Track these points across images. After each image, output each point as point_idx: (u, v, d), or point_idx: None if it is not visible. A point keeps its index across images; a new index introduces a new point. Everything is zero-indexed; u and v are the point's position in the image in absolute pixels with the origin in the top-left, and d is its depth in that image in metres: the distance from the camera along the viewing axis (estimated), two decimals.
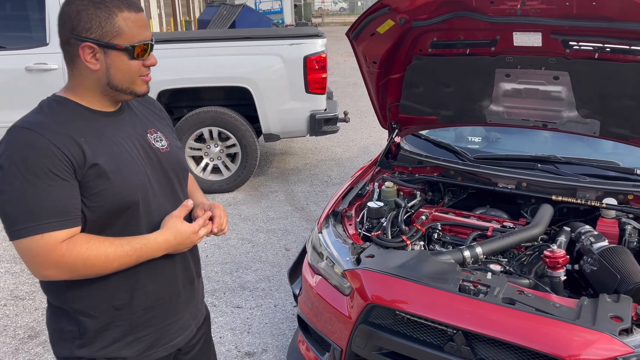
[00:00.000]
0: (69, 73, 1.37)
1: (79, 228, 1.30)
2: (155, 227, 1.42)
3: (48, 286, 1.41)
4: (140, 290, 1.42)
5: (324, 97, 5.10)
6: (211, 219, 1.52)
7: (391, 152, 3.09)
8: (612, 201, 2.41)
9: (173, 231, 1.40)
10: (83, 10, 1.29)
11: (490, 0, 2.02)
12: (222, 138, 5.16)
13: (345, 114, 5.54)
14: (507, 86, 2.46)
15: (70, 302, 1.38)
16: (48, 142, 1.24)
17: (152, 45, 1.38)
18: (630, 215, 2.37)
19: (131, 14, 1.32)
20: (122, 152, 1.36)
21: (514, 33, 2.18)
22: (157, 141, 1.48)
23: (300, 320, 2.56)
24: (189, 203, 1.48)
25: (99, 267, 1.31)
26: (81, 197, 1.30)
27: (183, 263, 1.52)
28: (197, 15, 23.52)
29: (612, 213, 2.39)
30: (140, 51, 1.34)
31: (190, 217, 1.53)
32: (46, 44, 4.88)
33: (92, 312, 1.38)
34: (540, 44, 2.17)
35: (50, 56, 4.85)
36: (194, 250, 1.58)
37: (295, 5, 25.50)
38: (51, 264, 1.26)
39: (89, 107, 1.37)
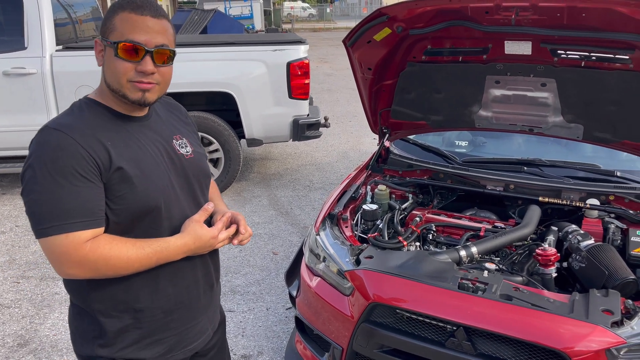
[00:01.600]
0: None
1: (102, 229, 1.32)
2: (176, 231, 1.44)
3: (72, 286, 1.43)
4: (161, 293, 1.44)
5: (306, 102, 5.16)
6: (230, 224, 1.53)
7: (381, 156, 3.17)
8: (595, 202, 2.54)
9: (192, 235, 1.42)
10: (107, 12, 1.37)
11: (485, 11, 2.12)
12: (205, 143, 5.15)
13: (326, 119, 5.61)
14: (497, 92, 2.57)
15: (93, 303, 1.40)
16: (77, 144, 1.27)
17: (147, 51, 1.32)
18: (612, 215, 2.50)
19: (131, 15, 1.32)
20: (147, 157, 1.39)
21: (505, 42, 2.29)
22: (182, 147, 1.50)
23: (297, 321, 2.59)
24: (209, 207, 1.50)
25: (120, 268, 1.33)
26: (105, 200, 1.32)
27: (204, 269, 1.54)
28: None
29: (595, 213, 2.51)
30: (125, 51, 1.30)
31: (210, 222, 1.55)
32: (24, 48, 4.78)
33: (114, 313, 1.40)
34: (530, 53, 2.29)
35: (28, 60, 4.77)
36: (214, 255, 1.60)
37: (265, 12, 25.53)
38: (74, 262, 1.28)
39: (116, 110, 1.39)
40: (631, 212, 2.46)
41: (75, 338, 1.48)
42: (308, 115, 5.19)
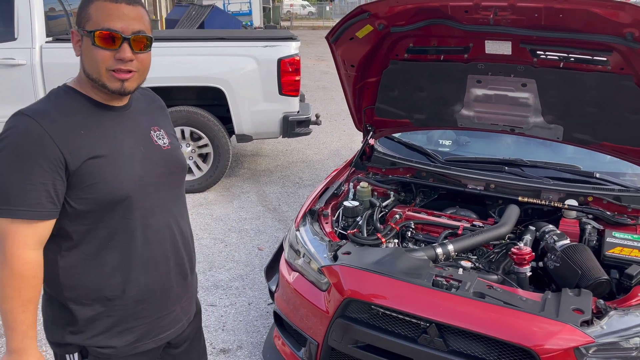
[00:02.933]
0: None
1: (48, 223, 1.31)
2: (149, 222, 1.44)
3: (44, 273, 1.42)
4: (133, 282, 1.44)
5: (297, 99, 5.15)
6: None
7: (365, 154, 3.18)
8: (573, 202, 2.56)
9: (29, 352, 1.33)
10: (81, 1, 1.37)
11: (464, 10, 2.13)
12: (194, 138, 5.15)
13: (317, 116, 5.62)
14: (478, 92, 2.58)
15: (64, 291, 1.41)
16: (44, 132, 1.27)
17: (125, 38, 1.32)
18: (590, 216, 2.52)
19: (106, 3, 1.32)
20: (122, 147, 1.39)
21: (485, 41, 2.30)
22: (160, 139, 1.51)
23: (276, 316, 2.61)
24: None
25: (2, 291, 1.28)
26: (75, 189, 1.33)
27: (177, 259, 1.55)
28: (164, 14, 23.21)
29: (573, 214, 2.53)
30: (102, 39, 1.30)
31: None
32: (14, 39, 4.77)
33: (85, 301, 1.41)
34: (510, 53, 2.30)
35: (18, 51, 4.75)
36: (188, 246, 1.60)
37: (264, 8, 25.50)
38: (5, 252, 1.27)
39: (94, 99, 1.40)
40: (608, 213, 2.48)
41: (46, 325, 1.49)
42: (298, 112, 5.19)
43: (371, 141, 3.16)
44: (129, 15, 1.34)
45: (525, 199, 2.63)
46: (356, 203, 2.70)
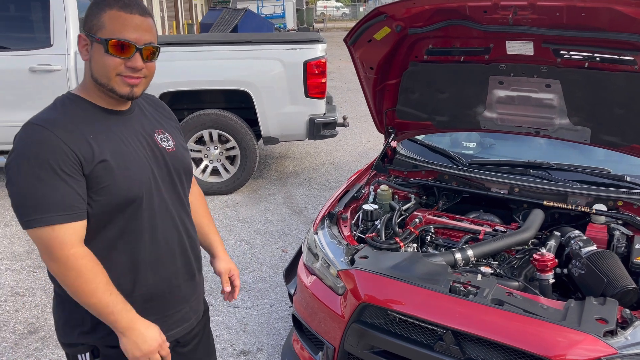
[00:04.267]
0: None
1: (83, 222, 1.36)
2: (154, 224, 1.48)
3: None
4: (141, 282, 1.48)
5: (323, 101, 5.16)
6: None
7: (387, 156, 3.15)
8: (601, 207, 2.47)
9: (143, 329, 1.40)
10: (89, 7, 1.40)
11: (483, 10, 2.08)
12: (222, 140, 5.22)
13: (344, 118, 5.61)
14: (501, 93, 2.52)
15: None
16: (58, 139, 1.31)
17: (137, 48, 1.37)
18: (619, 221, 2.42)
19: (121, 13, 1.37)
20: (128, 150, 1.43)
21: (506, 41, 2.24)
22: (164, 141, 1.55)
23: (295, 319, 2.61)
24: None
25: (81, 291, 1.34)
26: (88, 192, 1.37)
27: (184, 259, 1.58)
28: (200, 18, 23.63)
29: (602, 219, 2.44)
30: (115, 47, 1.35)
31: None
32: (50, 45, 4.94)
33: None
34: (532, 53, 2.23)
35: (54, 57, 4.92)
36: (194, 246, 1.63)
37: (298, 11, 25.64)
38: (55, 257, 1.32)
39: (98, 104, 1.44)
40: (639, 218, 2.38)
41: (58, 326, 1.53)
42: (325, 114, 5.19)
43: (393, 143, 3.13)
44: (142, 26, 1.39)
45: (551, 203, 2.54)
46: (376, 206, 2.67)
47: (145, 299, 1.50)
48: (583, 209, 2.47)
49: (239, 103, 5.26)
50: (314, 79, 4.98)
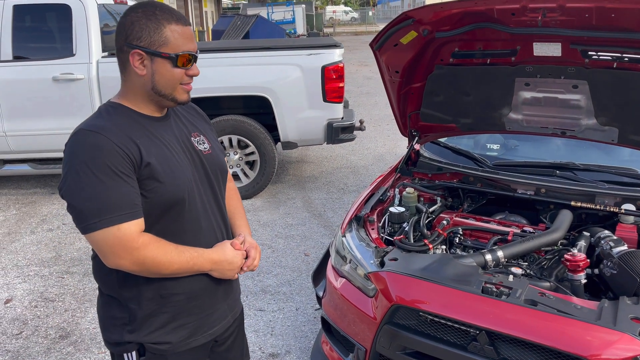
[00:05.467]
0: (122, 79, 1.49)
1: (143, 219, 1.41)
2: (196, 224, 1.53)
3: (102, 276, 1.52)
4: (185, 280, 1.52)
5: (341, 105, 5.19)
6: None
7: (411, 159, 3.17)
8: (630, 207, 2.46)
9: (221, 252, 1.55)
10: (136, 21, 1.41)
11: (511, 12, 2.10)
12: (242, 146, 5.27)
13: (361, 122, 5.63)
14: (527, 95, 2.53)
15: (122, 291, 1.49)
16: (112, 143, 1.36)
17: (195, 57, 1.47)
18: None
19: (178, 27, 1.43)
20: (171, 154, 1.48)
21: (534, 43, 2.25)
22: (200, 144, 1.60)
23: (323, 321, 2.63)
24: (240, 240, 1.64)
25: (163, 267, 1.43)
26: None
27: None
28: (210, 25, 23.81)
29: (631, 219, 2.43)
30: (184, 60, 1.44)
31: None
32: (73, 55, 5.03)
33: (142, 299, 1.49)
34: (559, 54, 2.24)
35: (76, 66, 5.01)
36: None
37: (307, 16, 25.76)
38: (126, 254, 1.37)
39: (140, 111, 1.49)
40: None
41: (104, 325, 1.57)
42: (342, 118, 5.22)
43: (416, 146, 3.15)
44: (192, 35, 1.48)
45: (579, 204, 2.54)
46: (402, 209, 2.69)
47: (189, 296, 1.54)
48: (612, 209, 2.47)
49: (257, 109, 5.31)
50: (331, 83, 5.02)
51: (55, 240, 4.59)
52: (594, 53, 2.20)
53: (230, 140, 5.22)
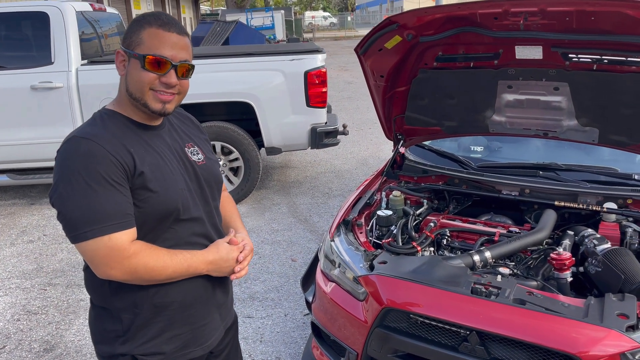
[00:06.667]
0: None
1: (135, 229, 1.39)
2: (192, 233, 1.51)
3: (94, 287, 1.49)
4: (179, 287, 1.50)
5: (324, 110, 5.21)
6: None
7: (396, 163, 3.19)
8: (612, 205, 2.52)
9: (215, 251, 1.52)
10: (130, 25, 1.45)
11: (494, 16, 2.14)
12: (225, 152, 5.25)
13: (345, 126, 5.65)
14: (509, 97, 2.57)
15: (115, 301, 1.47)
16: (105, 151, 1.34)
17: (173, 65, 1.41)
18: (630, 219, 2.47)
19: (159, 31, 1.41)
20: (165, 163, 1.46)
21: (516, 46, 2.29)
22: (194, 154, 1.58)
23: (314, 326, 2.62)
24: (235, 237, 1.61)
25: (157, 273, 1.41)
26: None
27: None
28: (190, 32, 23.66)
29: (613, 217, 2.49)
30: (151, 63, 1.39)
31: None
32: (51, 63, 4.96)
33: (135, 309, 1.47)
34: (541, 57, 2.29)
35: (55, 75, 4.94)
36: None
37: (287, 21, 25.80)
38: (117, 264, 1.35)
39: (133, 119, 1.47)
40: None
41: (97, 338, 1.54)
42: (326, 123, 5.24)
43: (402, 150, 3.17)
44: (178, 44, 1.44)
45: (562, 203, 2.59)
46: (389, 212, 2.71)
47: (183, 305, 1.52)
48: (594, 208, 2.52)
49: (240, 114, 5.30)
50: (314, 88, 5.04)
51: (36, 251, 4.51)
52: (574, 55, 2.25)
53: (214, 146, 5.19)
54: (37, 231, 4.95)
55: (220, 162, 5.26)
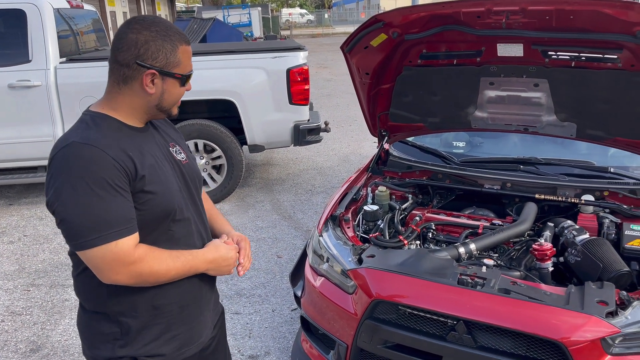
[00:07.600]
0: (114, 91, 1.44)
1: (137, 233, 1.40)
2: (185, 232, 1.53)
3: (87, 292, 1.49)
4: (176, 289, 1.51)
5: (306, 108, 5.24)
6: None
7: (381, 159, 3.25)
8: (589, 197, 2.61)
9: (214, 250, 1.56)
10: (152, 40, 1.39)
11: (477, 15, 2.20)
12: (208, 150, 5.24)
13: (326, 123, 5.69)
14: (491, 93, 2.65)
15: (112, 305, 1.46)
16: (108, 156, 1.33)
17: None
18: (607, 210, 2.57)
19: (187, 48, 1.46)
20: (160, 165, 1.47)
21: (497, 44, 2.36)
22: (178, 154, 1.60)
23: (303, 320, 2.66)
24: (226, 239, 1.66)
25: (161, 276, 1.43)
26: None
27: None
28: None
29: (590, 208, 2.58)
30: (189, 80, 1.50)
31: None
32: (29, 61, 4.88)
33: (134, 312, 1.47)
34: (522, 54, 2.36)
35: (33, 73, 4.86)
36: None
37: (263, 18, 25.69)
38: (124, 269, 1.36)
39: (126, 123, 1.46)
40: (625, 206, 2.53)
41: (91, 343, 1.52)
42: (308, 120, 5.27)
43: (386, 146, 3.23)
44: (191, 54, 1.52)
45: (542, 196, 2.68)
46: (376, 207, 2.76)
47: (181, 305, 1.54)
48: (573, 200, 2.61)
49: (222, 112, 5.29)
50: (297, 86, 5.06)
51: (17, 252, 4.44)
52: (553, 53, 2.33)
53: (196, 144, 5.18)
54: (17, 232, 4.88)
55: (203, 161, 5.25)
